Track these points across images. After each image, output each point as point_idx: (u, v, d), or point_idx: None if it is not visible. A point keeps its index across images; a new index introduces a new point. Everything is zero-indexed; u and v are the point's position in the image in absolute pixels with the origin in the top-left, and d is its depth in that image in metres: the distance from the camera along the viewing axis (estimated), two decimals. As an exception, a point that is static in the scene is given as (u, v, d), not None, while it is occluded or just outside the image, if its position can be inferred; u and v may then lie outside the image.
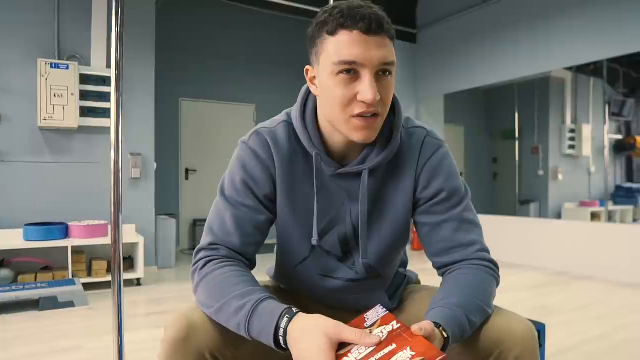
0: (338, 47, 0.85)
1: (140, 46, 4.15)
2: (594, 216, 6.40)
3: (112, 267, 1.67)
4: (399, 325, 0.76)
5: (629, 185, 6.75)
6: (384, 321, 0.78)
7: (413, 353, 0.69)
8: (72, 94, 3.74)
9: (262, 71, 6.30)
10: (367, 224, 1.00)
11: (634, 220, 6.52)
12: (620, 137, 6.93)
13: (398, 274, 1.15)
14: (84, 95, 3.85)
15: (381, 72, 0.86)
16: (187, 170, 5.90)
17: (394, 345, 0.71)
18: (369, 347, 0.72)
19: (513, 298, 3.39)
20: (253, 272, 0.98)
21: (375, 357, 0.70)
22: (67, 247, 3.54)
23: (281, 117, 1.04)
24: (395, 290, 1.13)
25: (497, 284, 0.98)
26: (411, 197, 1.00)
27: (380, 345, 0.72)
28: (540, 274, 4.35)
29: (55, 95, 3.69)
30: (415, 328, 0.74)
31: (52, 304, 3.08)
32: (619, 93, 6.76)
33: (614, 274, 4.11)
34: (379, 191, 1.00)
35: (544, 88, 6.77)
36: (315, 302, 1.10)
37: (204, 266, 0.93)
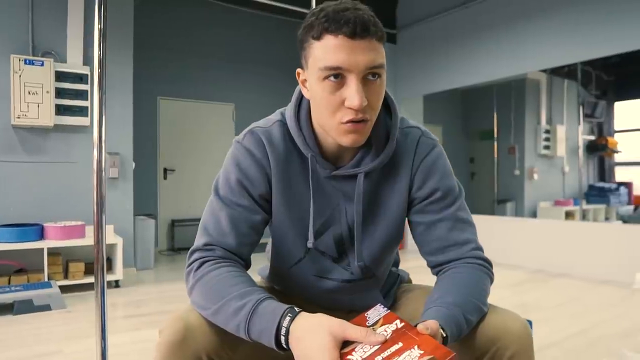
0: (323, 52, 0.83)
1: (118, 44, 4.06)
2: (568, 215, 6.56)
3: (95, 269, 1.63)
4: (402, 323, 0.75)
5: (601, 184, 6.94)
6: (386, 320, 0.78)
7: (421, 352, 0.68)
8: (48, 92, 3.64)
9: (241, 70, 6.25)
10: (362, 225, 0.99)
11: (606, 219, 6.71)
12: (592, 137, 7.13)
13: (391, 273, 1.15)
14: (59, 93, 3.75)
15: (370, 76, 0.85)
16: (165, 170, 5.81)
17: (400, 344, 0.70)
18: (373, 346, 0.71)
19: (494, 296, 3.39)
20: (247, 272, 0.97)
21: (382, 355, 0.69)
22: (42, 249, 3.44)
23: (275, 116, 1.02)
24: (389, 290, 1.14)
25: (491, 281, 0.99)
26: (406, 197, 1.00)
27: (385, 343, 0.71)
28: (519, 272, 4.43)
29: (29, 93, 3.58)
30: (421, 327, 0.74)
31: (27, 307, 2.99)
32: (591, 95, 6.94)
33: (589, 271, 4.22)
34: (374, 192, 1.00)
35: (520, 89, 6.90)
36: (310, 303, 1.09)
37: (199, 267, 0.91)
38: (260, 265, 1.25)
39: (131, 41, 4.20)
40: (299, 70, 0.95)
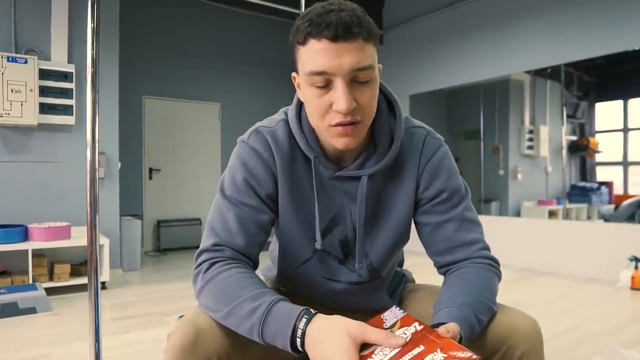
0: (308, 57, 0.83)
1: (104, 43, 3.98)
2: (551, 214, 6.65)
3: (88, 270, 1.60)
4: (422, 326, 0.74)
5: (583, 184, 7.07)
6: (404, 322, 0.76)
7: (445, 355, 0.66)
8: (31, 90, 3.56)
9: (228, 70, 6.20)
10: (367, 227, 0.99)
11: (588, 218, 6.82)
12: (574, 138, 7.24)
13: (396, 273, 1.15)
14: (43, 91, 3.67)
15: (358, 78, 0.83)
16: (150, 170, 5.74)
17: (422, 347, 0.69)
18: (394, 349, 0.70)
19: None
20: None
21: (403, 359, 0.68)
22: (27, 251, 3.36)
23: (279, 115, 1.02)
24: (395, 290, 1.14)
25: (499, 280, 1.00)
26: (413, 197, 1.00)
27: (406, 346, 0.70)
28: (506, 271, 4.43)
29: (12, 91, 3.50)
30: (442, 330, 0.73)
31: (12, 310, 2.92)
32: (573, 96, 7.06)
33: (574, 269, 4.28)
34: (380, 193, 0.99)
35: (504, 90, 6.98)
36: (315, 304, 1.08)
37: (208, 268, 0.90)
38: (262, 266, 1.24)
39: (117, 40, 4.13)
40: (294, 74, 0.94)
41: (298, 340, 0.75)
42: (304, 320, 0.76)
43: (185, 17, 5.89)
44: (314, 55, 0.82)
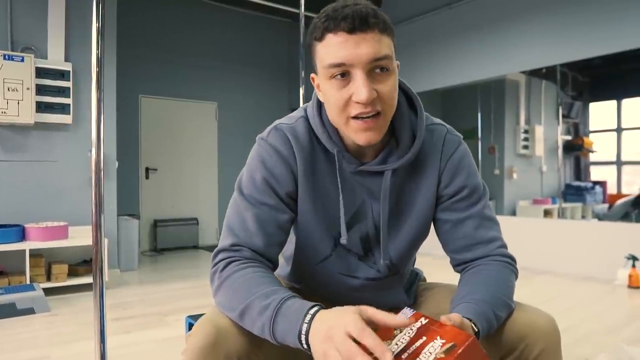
0: (326, 51, 0.84)
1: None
2: (547, 213, 6.69)
3: (93, 270, 1.61)
4: (427, 320, 0.76)
5: (577, 183, 7.12)
6: (412, 320, 0.78)
7: (443, 341, 0.69)
8: (28, 88, 3.53)
9: (225, 69, 6.18)
10: (389, 223, 0.99)
11: (583, 217, 6.87)
12: (569, 137, 7.29)
13: (411, 271, 1.15)
14: (40, 90, 3.64)
15: (377, 69, 0.84)
16: (147, 169, 5.71)
17: (424, 338, 0.72)
18: (400, 343, 0.72)
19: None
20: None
21: (408, 351, 0.70)
22: (24, 251, 3.33)
23: (299, 113, 1.01)
24: (409, 287, 1.14)
25: (516, 278, 1.00)
26: (434, 194, 1.00)
27: (412, 340, 0.72)
28: (502, 270, 4.49)
29: (9, 89, 3.47)
30: (443, 318, 0.74)
31: (10, 311, 2.90)
32: (568, 96, 7.10)
33: (571, 268, 4.31)
34: (401, 189, 0.99)
35: (500, 90, 7.01)
36: (331, 302, 1.08)
37: (224, 267, 0.89)
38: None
39: (114, 39, 4.10)
40: (312, 75, 0.94)
41: (302, 337, 0.73)
42: (308, 316, 0.74)
43: (183, 16, 5.86)
44: (332, 48, 0.83)
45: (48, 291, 3.38)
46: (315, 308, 0.75)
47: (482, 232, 0.99)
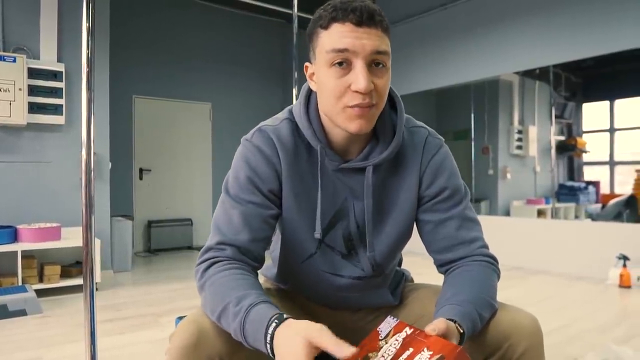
0: (331, 38, 0.86)
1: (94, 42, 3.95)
2: (540, 213, 6.72)
3: (83, 271, 1.59)
4: (412, 330, 0.77)
5: (570, 183, 7.15)
6: (397, 329, 0.78)
7: (431, 352, 0.69)
8: (20, 89, 3.51)
9: (219, 70, 6.17)
10: (372, 221, 1.00)
11: (576, 217, 6.91)
12: (562, 138, 7.33)
13: (397, 272, 1.16)
14: (32, 91, 3.63)
15: (375, 64, 0.87)
16: (141, 170, 5.69)
17: (411, 349, 0.72)
18: (387, 355, 0.72)
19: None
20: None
21: None
22: (16, 252, 3.31)
23: (283, 114, 1.02)
24: (395, 288, 1.14)
25: (498, 278, 1.01)
26: (415, 194, 1.01)
27: (398, 352, 0.72)
28: (496, 270, 4.51)
29: (1, 90, 3.45)
30: (428, 329, 0.75)
31: (1, 313, 2.88)
32: (561, 96, 7.14)
33: (564, 268, 4.34)
34: (382, 188, 1.01)
35: (493, 90, 7.04)
36: (317, 303, 1.09)
37: (207, 269, 0.91)
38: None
39: (108, 40, 4.09)
40: (307, 64, 0.96)
41: (268, 345, 0.75)
42: (273, 325, 0.75)
43: (176, 17, 5.85)
44: (337, 36, 0.86)
45: (40, 292, 3.36)
46: (282, 316, 0.76)
47: (464, 233, 1.00)
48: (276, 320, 0.75)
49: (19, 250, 3.33)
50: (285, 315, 0.77)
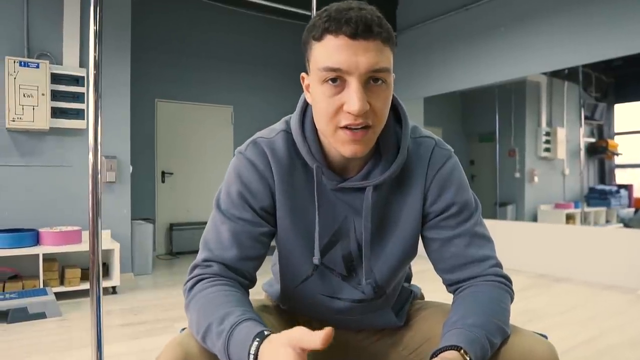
0: (323, 53, 0.78)
1: (115, 45, 4.00)
2: (569, 218, 6.51)
3: (90, 278, 1.58)
4: None
5: (601, 187, 6.90)
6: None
7: None
8: (43, 94, 3.57)
9: (240, 72, 6.18)
10: (372, 242, 0.93)
11: (607, 222, 6.66)
12: (592, 140, 7.09)
13: (403, 289, 1.09)
14: (55, 96, 3.69)
15: (372, 81, 0.79)
16: (163, 173, 5.74)
17: None
18: None
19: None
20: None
21: None
22: (37, 255, 3.36)
23: (280, 125, 0.96)
24: (401, 307, 1.07)
25: (512, 300, 0.93)
26: (420, 211, 0.94)
27: None
28: (522, 277, 4.37)
29: (24, 95, 3.51)
30: None
31: (21, 315, 2.92)
32: (591, 97, 6.90)
33: (592, 276, 4.17)
34: (385, 206, 0.94)
35: (520, 91, 6.85)
36: (318, 323, 1.03)
37: (193, 286, 0.87)
38: (265, 279, 1.19)
39: (129, 42, 4.13)
40: (303, 74, 0.89)
41: None
42: (255, 345, 0.70)
43: (198, 20, 5.89)
44: (330, 51, 0.77)
45: (61, 295, 3.41)
46: (263, 333, 0.71)
47: (473, 251, 0.92)
48: (257, 339, 0.71)
49: (41, 253, 3.37)
50: (266, 332, 0.72)
